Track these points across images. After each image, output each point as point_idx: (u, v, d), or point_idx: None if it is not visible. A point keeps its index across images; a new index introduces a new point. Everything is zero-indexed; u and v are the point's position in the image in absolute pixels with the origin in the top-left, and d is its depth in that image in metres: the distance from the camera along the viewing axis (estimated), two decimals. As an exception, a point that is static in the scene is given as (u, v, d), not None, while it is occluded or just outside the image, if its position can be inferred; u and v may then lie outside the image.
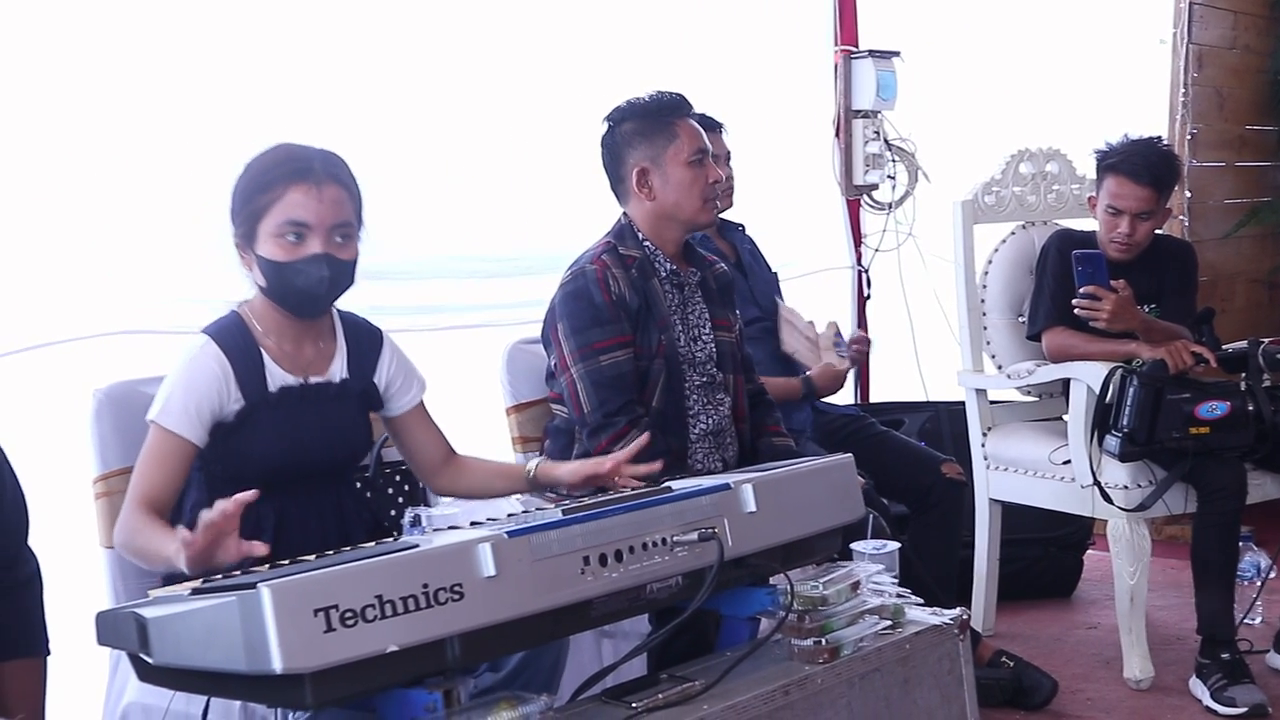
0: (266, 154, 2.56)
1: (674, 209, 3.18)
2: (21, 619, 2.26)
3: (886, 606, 2.41)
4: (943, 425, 4.87)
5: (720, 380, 3.25)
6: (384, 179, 3.39)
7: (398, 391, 2.77)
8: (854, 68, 5.36)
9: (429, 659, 1.81)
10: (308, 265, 2.50)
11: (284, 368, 2.60)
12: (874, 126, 5.38)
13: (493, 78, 4.18)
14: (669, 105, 3.19)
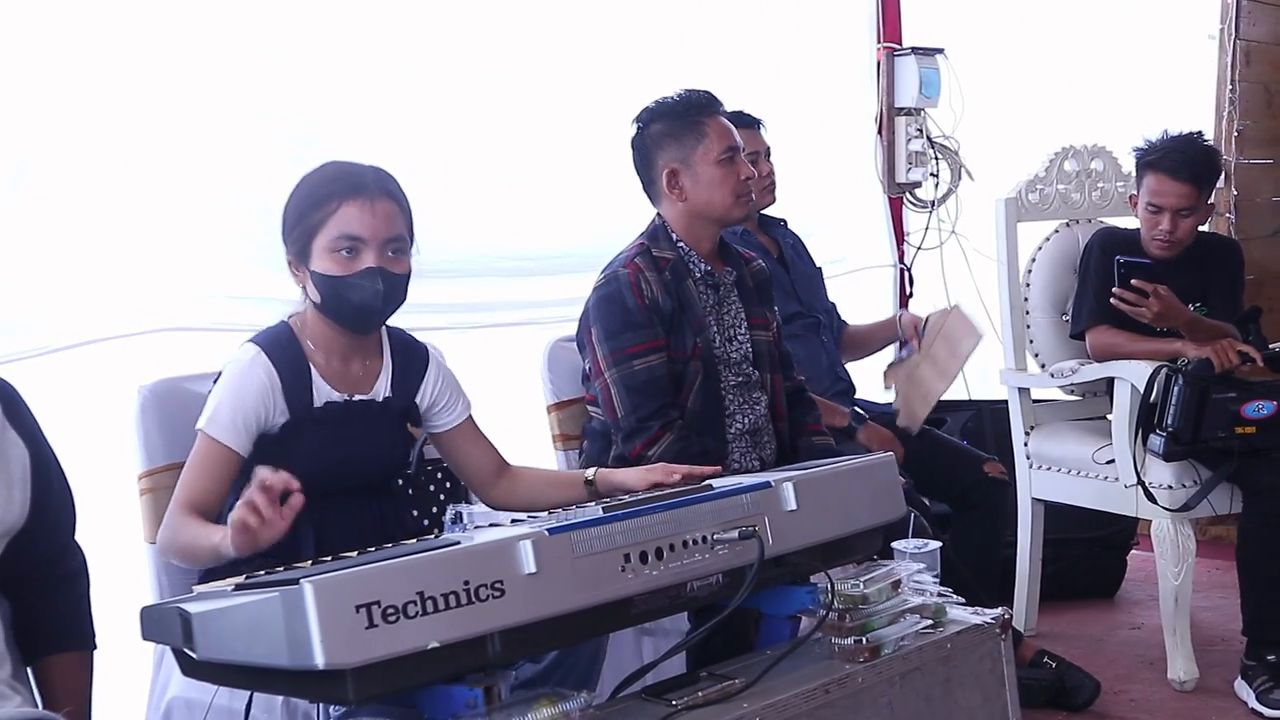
0: (318, 171, 2.59)
1: (706, 208, 3.18)
2: (68, 613, 2.28)
3: (928, 606, 2.39)
4: (985, 424, 4.85)
5: (757, 379, 3.25)
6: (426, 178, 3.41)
7: (441, 410, 2.78)
8: (897, 65, 5.34)
9: (470, 655, 1.81)
10: (362, 279, 2.52)
11: (330, 384, 2.61)
12: (917, 124, 5.36)
13: (534, 76, 4.18)
14: (697, 104, 3.18)
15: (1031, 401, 4.38)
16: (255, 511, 2.13)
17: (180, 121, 3.42)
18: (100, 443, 2.98)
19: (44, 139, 3.18)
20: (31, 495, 2.17)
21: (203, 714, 2.48)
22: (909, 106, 5.34)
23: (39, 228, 3.18)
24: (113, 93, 3.29)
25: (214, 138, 3.47)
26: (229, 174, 3.48)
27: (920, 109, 5.37)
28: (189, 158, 3.43)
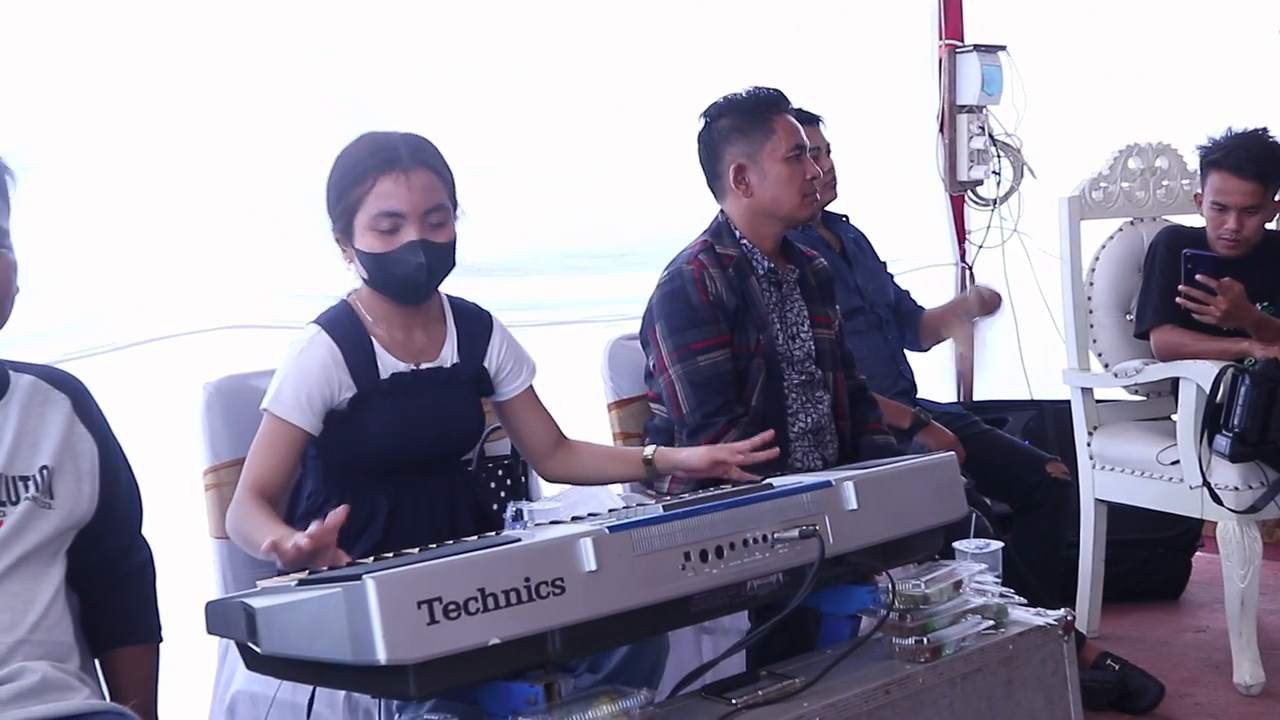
0: (353, 146, 2.60)
1: (771, 205, 3.17)
2: (135, 606, 2.31)
3: (989, 606, 2.38)
4: (1047, 424, 4.81)
5: (819, 378, 3.24)
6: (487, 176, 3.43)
7: (509, 375, 2.79)
8: (959, 62, 5.31)
9: (530, 652, 1.82)
10: (404, 254, 2.53)
11: (395, 355, 2.63)
12: (979, 122, 5.33)
13: (596, 73, 4.19)
14: (766, 101, 3.18)
15: (1095, 401, 4.34)
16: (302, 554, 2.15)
17: (245, 121, 3.46)
18: (166, 438, 3.01)
19: (110, 138, 3.22)
20: (100, 490, 2.20)
21: (266, 708, 2.50)
22: (971, 104, 5.31)
23: (106, 227, 3.23)
24: (180, 94, 3.33)
25: (277, 137, 3.50)
26: (291, 172, 3.50)
27: (982, 106, 5.34)
28: (253, 157, 3.47)
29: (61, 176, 3.10)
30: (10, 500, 2.07)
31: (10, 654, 2.00)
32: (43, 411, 2.17)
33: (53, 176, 3.04)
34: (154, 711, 2.28)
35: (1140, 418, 4.34)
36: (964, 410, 4.29)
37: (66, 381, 2.26)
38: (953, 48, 5.33)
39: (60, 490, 2.13)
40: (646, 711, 1.88)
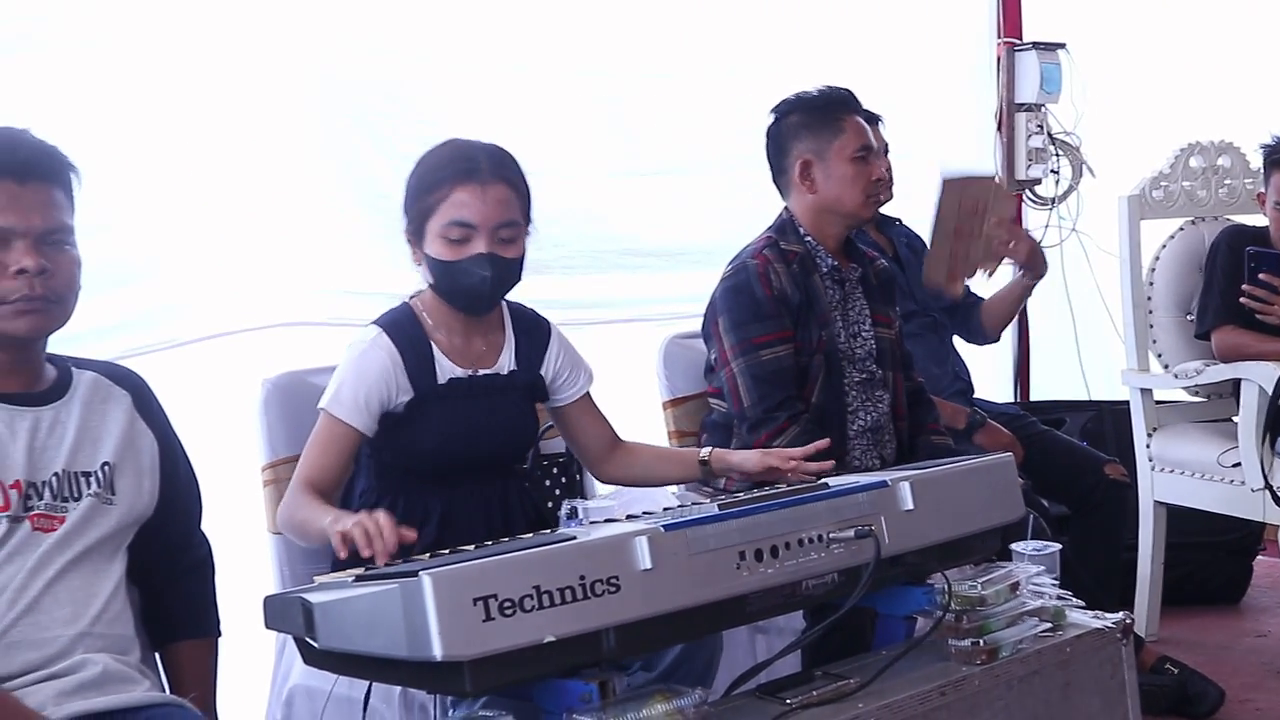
0: (436, 152, 2.61)
1: (835, 203, 3.17)
2: (194, 601, 2.34)
3: (1047, 609, 2.36)
4: (1105, 425, 4.77)
5: (879, 377, 3.23)
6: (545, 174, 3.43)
7: (565, 383, 2.80)
8: (1017, 60, 5.26)
9: (585, 650, 1.82)
10: (472, 265, 2.54)
11: (453, 360, 2.64)
12: (1037, 120, 5.28)
13: (652, 72, 4.19)
14: (837, 100, 3.20)
15: (1154, 403, 4.29)
16: (367, 537, 2.15)
17: (307, 120, 3.49)
18: (225, 435, 3.04)
19: (171, 135, 3.26)
20: (160, 485, 2.23)
21: (323, 702, 2.51)
22: (1029, 102, 5.26)
23: (167, 224, 3.26)
24: (240, 91, 3.36)
25: (336, 136, 3.53)
26: (350, 171, 3.54)
27: (1041, 105, 5.29)
28: (314, 155, 3.50)
29: (122, 173, 3.13)
30: (73, 497, 2.09)
31: (72, 646, 2.03)
32: (104, 408, 2.20)
33: (113, 174, 3.07)
34: (213, 705, 2.30)
35: (1200, 419, 4.29)
36: (1021, 410, 4.26)
37: (127, 378, 2.28)
38: (1011, 46, 5.28)
39: (121, 486, 2.16)
40: (701, 711, 1.88)
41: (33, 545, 2.04)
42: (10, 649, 1.98)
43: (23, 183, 2.05)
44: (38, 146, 2.10)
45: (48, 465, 2.08)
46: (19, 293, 2.04)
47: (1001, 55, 5.28)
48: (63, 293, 2.10)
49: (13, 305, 2.04)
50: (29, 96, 3.01)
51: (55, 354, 2.21)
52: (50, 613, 2.02)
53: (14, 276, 2.03)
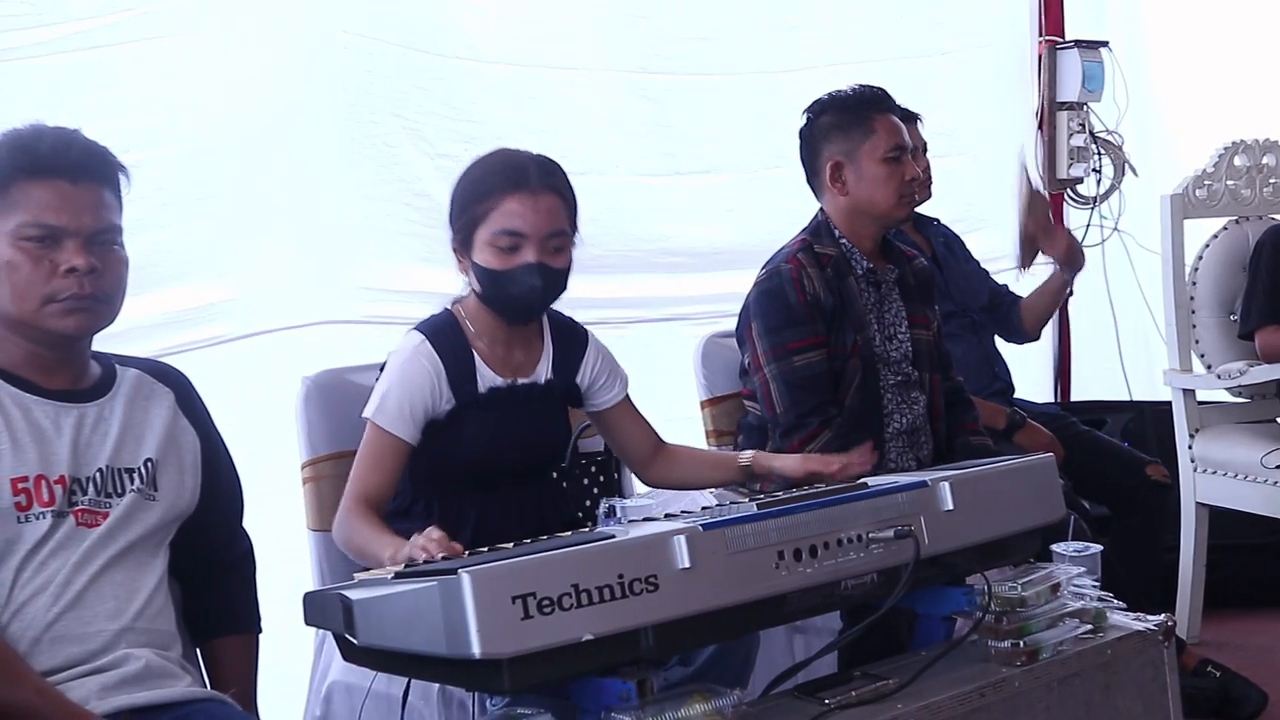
0: (483, 161, 2.62)
1: (867, 204, 3.15)
2: (235, 597, 2.35)
3: (1088, 610, 2.34)
4: (1147, 426, 4.74)
5: (916, 379, 3.21)
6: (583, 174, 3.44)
7: (600, 389, 2.80)
8: (1059, 59, 5.23)
9: (623, 648, 1.82)
10: (522, 274, 2.55)
11: (493, 369, 2.65)
12: (1079, 119, 5.25)
13: (689, 73, 4.19)
14: (869, 100, 3.17)
15: (1196, 403, 4.26)
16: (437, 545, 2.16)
17: (344, 118, 3.50)
18: (265, 432, 3.05)
19: (211, 136, 3.27)
20: (202, 482, 2.25)
21: (362, 699, 2.52)
22: (1071, 101, 5.23)
23: (207, 224, 3.28)
24: (283, 94, 3.38)
25: (377, 134, 3.54)
26: (391, 170, 3.55)
27: (1083, 103, 5.26)
28: (351, 154, 3.51)
29: (165, 173, 3.15)
30: (116, 492, 2.11)
31: (115, 641, 2.05)
32: (147, 405, 2.21)
33: (157, 173, 3.10)
34: (253, 700, 2.31)
35: (1243, 420, 4.26)
36: (1061, 411, 4.24)
37: (170, 375, 2.30)
38: (1053, 44, 5.25)
39: (164, 483, 2.18)
40: (739, 710, 1.88)
41: (77, 540, 2.05)
42: (55, 643, 2.00)
43: (75, 183, 2.07)
44: (89, 147, 2.12)
45: (92, 461, 2.10)
46: (69, 291, 2.05)
47: (1043, 53, 5.26)
48: (110, 292, 2.12)
49: (62, 304, 2.06)
50: (78, 96, 3.03)
51: (100, 351, 2.22)
52: (94, 607, 2.04)
53: (64, 275, 2.05)
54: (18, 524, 2.01)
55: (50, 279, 2.05)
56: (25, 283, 2.04)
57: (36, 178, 2.05)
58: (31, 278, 2.04)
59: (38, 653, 1.99)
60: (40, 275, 2.05)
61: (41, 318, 2.06)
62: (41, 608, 2.01)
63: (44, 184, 2.05)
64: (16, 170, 2.05)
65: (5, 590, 2.00)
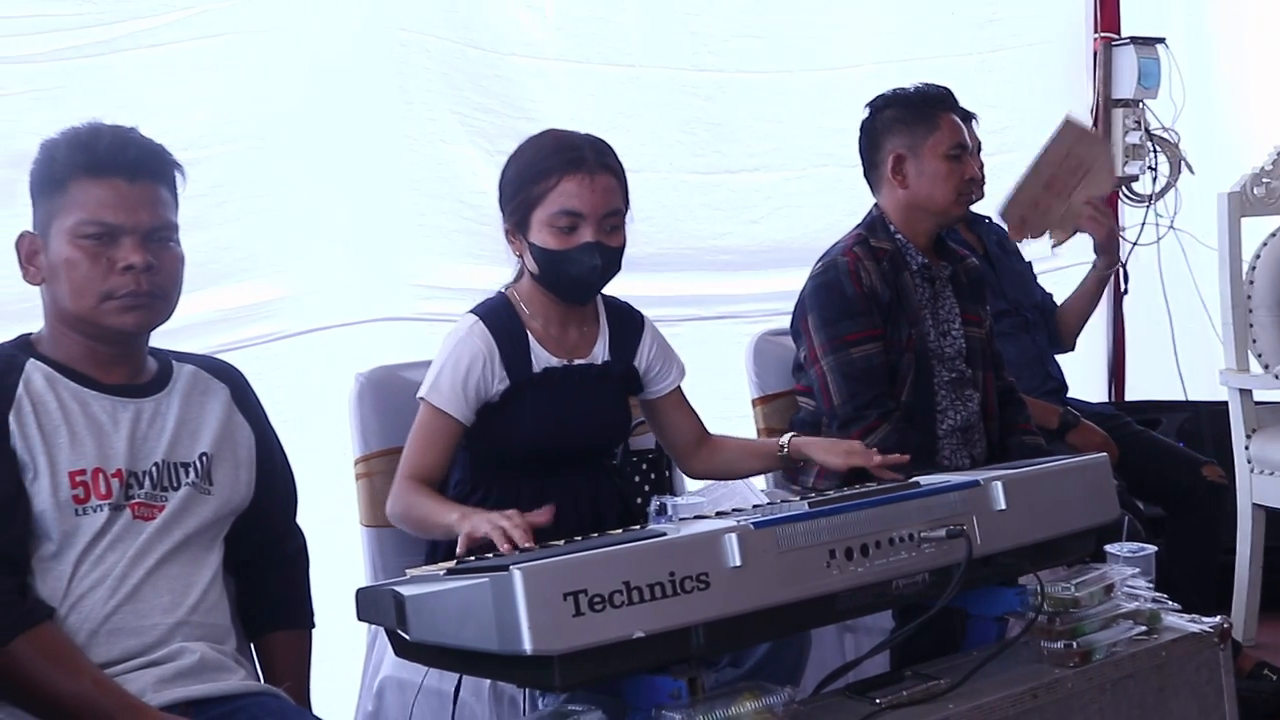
0: (537, 142, 2.63)
1: (927, 200, 3.15)
2: (288, 592, 2.37)
3: (1142, 611, 2.32)
4: (1203, 426, 4.69)
5: (969, 376, 3.20)
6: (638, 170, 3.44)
7: (658, 374, 2.81)
8: (1115, 55, 5.19)
9: (674, 646, 1.82)
10: (580, 254, 2.56)
11: (548, 350, 2.66)
12: (1134, 116, 5.21)
13: (743, 71, 4.19)
14: (933, 97, 3.19)
15: (1253, 403, 4.21)
16: (506, 539, 2.18)
17: (400, 115, 3.52)
18: (318, 428, 3.08)
19: (265, 134, 3.30)
20: (256, 477, 2.26)
21: (413, 694, 2.54)
22: (1127, 98, 5.19)
23: (263, 222, 3.30)
24: (333, 89, 3.40)
25: (433, 131, 3.56)
26: (447, 167, 3.57)
27: (1139, 101, 5.22)
28: (407, 152, 3.53)
29: (221, 172, 3.18)
30: (172, 486, 2.13)
31: (171, 634, 2.07)
32: (203, 400, 2.24)
33: (213, 172, 3.13)
34: (306, 695, 2.33)
35: (1302, 420, 4.21)
36: (1116, 410, 4.20)
37: (225, 371, 2.32)
38: (1108, 41, 5.21)
39: (219, 477, 2.20)
40: (790, 709, 1.88)
41: (134, 533, 2.08)
42: (112, 635, 2.02)
43: (132, 181, 2.09)
44: (146, 145, 2.14)
45: (148, 455, 2.13)
46: (126, 288, 2.08)
47: (1098, 50, 5.22)
48: (167, 289, 2.14)
49: (120, 300, 2.08)
50: (138, 94, 3.07)
51: (156, 347, 2.25)
52: (150, 601, 2.06)
53: (121, 273, 2.07)
54: (76, 516, 2.04)
55: (108, 276, 2.07)
56: (84, 280, 2.07)
57: (94, 176, 2.08)
58: (90, 275, 2.07)
59: (95, 645, 2.02)
60: (98, 273, 2.07)
61: (100, 314, 2.08)
62: (99, 600, 2.03)
63: (101, 182, 2.08)
64: (75, 169, 2.08)
65: (64, 583, 2.03)
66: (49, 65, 2.96)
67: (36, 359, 2.10)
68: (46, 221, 2.10)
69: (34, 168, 2.12)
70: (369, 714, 2.78)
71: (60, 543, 2.03)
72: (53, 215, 2.09)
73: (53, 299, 2.12)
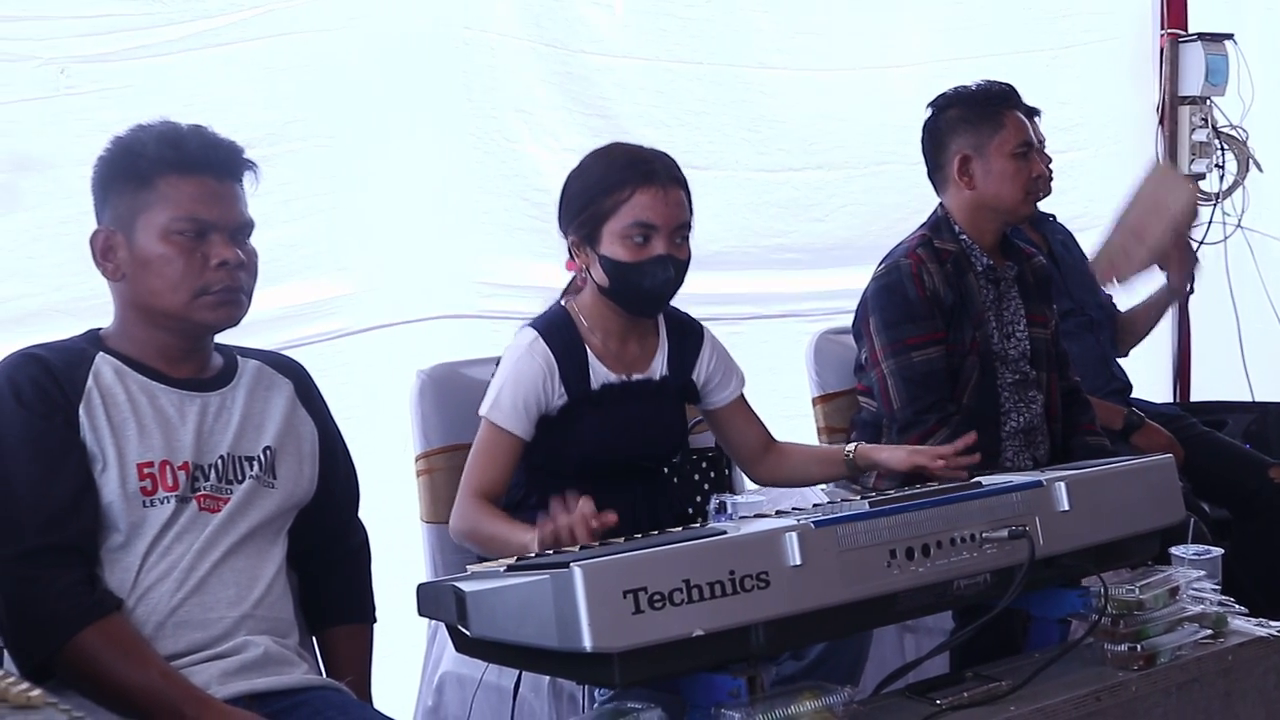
0: (605, 155, 2.64)
1: (994, 199, 3.13)
2: (351, 587, 2.39)
3: (1208, 615, 2.30)
4: (1270, 427, 4.61)
5: (1033, 378, 3.18)
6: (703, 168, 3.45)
7: (716, 386, 2.81)
8: (1182, 52, 5.13)
9: (733, 645, 1.82)
10: (653, 266, 2.56)
11: (607, 365, 2.66)
12: (1202, 113, 5.14)
13: (808, 68, 4.18)
14: (998, 95, 3.16)
15: (1322, 404, 4.16)
16: (572, 537, 2.18)
17: (463, 115, 3.53)
18: (380, 425, 3.10)
19: (334, 134, 3.32)
20: (319, 472, 2.28)
21: (473, 689, 2.56)
22: (1194, 95, 5.13)
23: (328, 220, 3.33)
24: (398, 87, 3.42)
25: (497, 128, 3.57)
26: (510, 164, 3.58)
27: (1206, 98, 5.15)
28: (471, 150, 3.54)
29: (287, 170, 3.21)
30: (236, 479, 2.16)
31: (236, 627, 2.09)
32: (267, 395, 2.26)
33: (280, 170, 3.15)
34: (367, 689, 2.35)
35: (1373, 422, 4.15)
36: (1181, 411, 4.16)
37: (289, 367, 2.34)
38: (1175, 37, 5.15)
39: (282, 471, 2.22)
40: (850, 709, 1.87)
41: (200, 525, 2.10)
42: (178, 628, 2.05)
43: (220, 179, 2.13)
44: (230, 145, 2.18)
45: (214, 449, 2.15)
46: (221, 284, 2.11)
47: (1165, 46, 5.16)
48: (252, 285, 2.18)
49: (215, 296, 2.11)
50: (206, 92, 3.10)
51: (221, 343, 2.27)
52: (216, 594, 2.09)
53: (216, 269, 2.10)
54: (143, 508, 2.06)
55: (203, 272, 2.10)
56: (179, 276, 2.09)
57: (185, 173, 2.10)
58: (185, 271, 2.09)
59: (162, 637, 2.04)
60: (193, 269, 2.10)
61: (192, 310, 2.11)
62: (166, 593, 2.06)
63: (192, 179, 2.10)
64: (165, 165, 2.10)
65: (132, 574, 2.05)
66: (119, 65, 2.99)
67: (106, 353, 2.13)
68: (128, 217, 2.11)
69: (109, 163, 2.14)
70: (429, 709, 2.79)
71: (128, 534, 2.06)
72: (137, 211, 2.11)
73: (133, 294, 2.14)
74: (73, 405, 2.06)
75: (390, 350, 3.39)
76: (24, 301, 2.91)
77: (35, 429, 2.03)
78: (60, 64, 2.92)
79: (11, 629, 2.00)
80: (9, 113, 2.89)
